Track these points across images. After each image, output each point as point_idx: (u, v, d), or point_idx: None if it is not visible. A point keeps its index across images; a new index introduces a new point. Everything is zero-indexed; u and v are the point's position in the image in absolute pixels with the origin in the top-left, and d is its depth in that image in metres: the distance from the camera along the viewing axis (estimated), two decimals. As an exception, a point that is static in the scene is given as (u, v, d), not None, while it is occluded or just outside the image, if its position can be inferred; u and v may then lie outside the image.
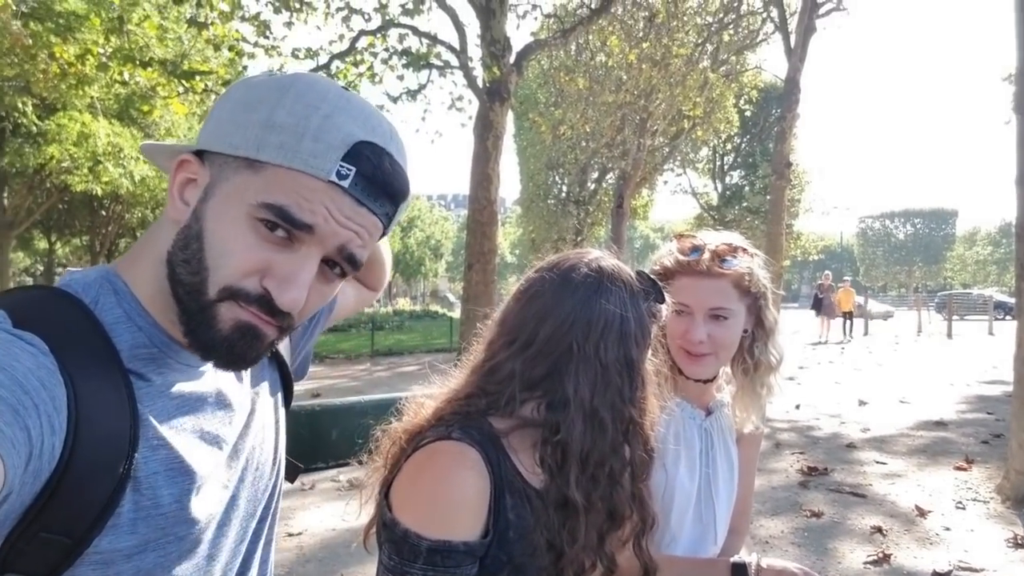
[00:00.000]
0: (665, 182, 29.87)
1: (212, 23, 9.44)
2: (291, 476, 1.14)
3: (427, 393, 1.14)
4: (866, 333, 22.10)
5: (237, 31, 9.85)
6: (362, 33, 10.74)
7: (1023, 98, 4.80)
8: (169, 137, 18.27)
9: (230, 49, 9.68)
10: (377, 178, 0.79)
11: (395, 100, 11.49)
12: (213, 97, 10.05)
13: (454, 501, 0.95)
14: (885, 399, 8.90)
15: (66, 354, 0.72)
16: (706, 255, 1.45)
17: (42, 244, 30.92)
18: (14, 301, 0.77)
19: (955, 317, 22.51)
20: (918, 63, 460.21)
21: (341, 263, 0.82)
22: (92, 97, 12.81)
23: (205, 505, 0.84)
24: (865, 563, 3.68)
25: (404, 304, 37.12)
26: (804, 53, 16.84)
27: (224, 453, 0.89)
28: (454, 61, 11.05)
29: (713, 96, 18.81)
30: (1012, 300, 24.64)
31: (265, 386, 1.03)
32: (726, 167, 31.88)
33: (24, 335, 0.71)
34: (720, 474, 1.59)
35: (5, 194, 19.41)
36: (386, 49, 10.83)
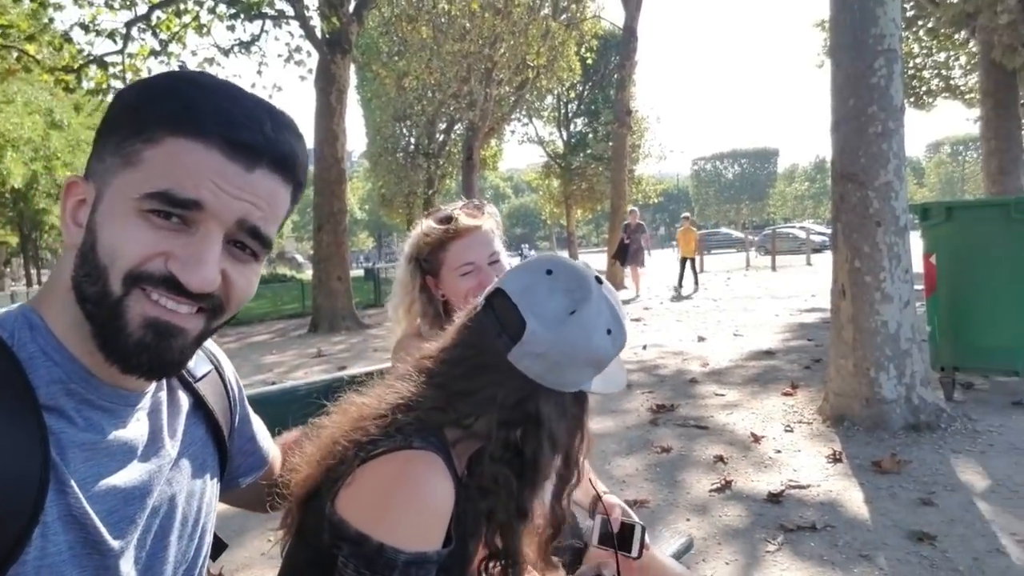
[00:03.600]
0: (512, 132, 30.28)
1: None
2: (215, 554, 1.09)
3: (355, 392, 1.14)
4: (701, 271, 23.63)
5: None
6: (182, -22, 9.90)
7: (836, 44, 5.22)
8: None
9: (33, -1, 8.60)
10: (258, 143, 0.78)
11: (226, 53, 10.77)
12: (16, 54, 8.91)
13: (434, 513, 0.96)
14: (721, 334, 9.65)
15: None
16: (462, 218, 1.76)
17: None
18: None
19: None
20: (743, 10, 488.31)
21: (246, 240, 0.80)
22: None
23: (106, 562, 0.80)
24: (710, 491, 4.03)
25: (250, 267, 35.37)
26: (640, 2, 17.41)
27: (140, 510, 0.85)
28: (289, 10, 10.47)
29: (555, 44, 19.08)
30: (827, 233, 27.20)
31: (198, 453, 0.99)
32: (570, 115, 32.62)
33: None
34: None
35: None
36: (213, -2, 10.05)
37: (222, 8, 9.88)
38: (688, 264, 17.54)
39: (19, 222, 30.88)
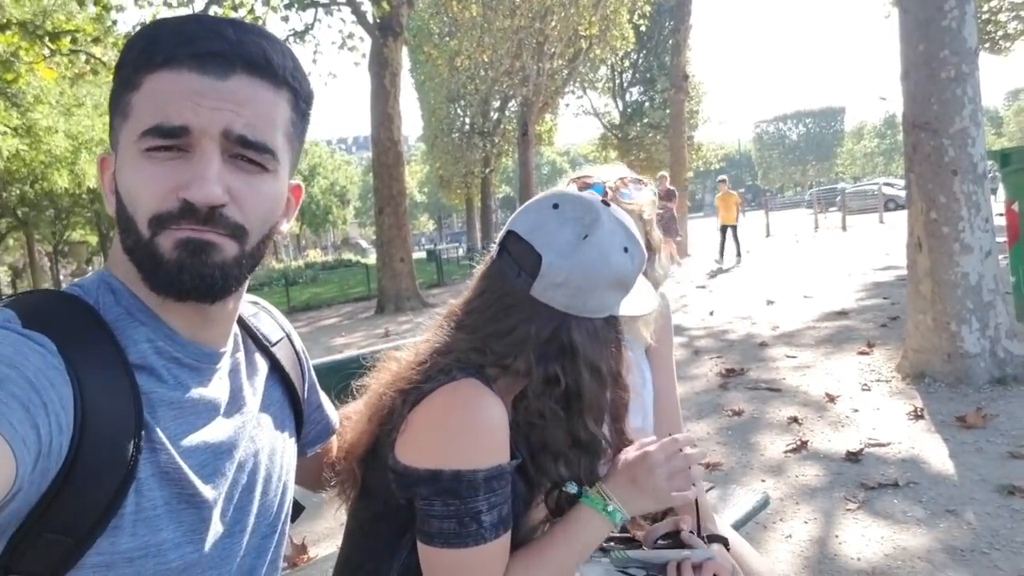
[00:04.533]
0: (567, 105, 29.87)
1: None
2: (293, 515, 1.12)
3: (392, 349, 1.16)
4: (768, 235, 23.02)
5: (97, -19, 9.07)
6: (238, -28, 10.11)
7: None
8: (40, 105, 16.87)
9: (96, 3, 8.92)
10: (224, 49, 0.78)
11: (281, 43, 10.95)
12: (84, 57, 9.29)
13: (494, 427, 0.99)
14: (791, 296, 9.40)
15: (73, 354, 0.73)
16: (611, 193, 1.48)
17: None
18: (23, 303, 0.78)
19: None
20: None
21: (242, 151, 0.80)
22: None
23: (202, 515, 0.83)
24: (785, 452, 3.96)
25: (315, 255, 36.27)
26: (691, -37, 16.87)
27: (228, 464, 0.88)
28: (340, -3, 10.59)
29: (607, 13, 18.71)
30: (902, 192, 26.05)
31: (277, 414, 1.04)
32: (625, 84, 32.02)
33: (33, 335, 0.72)
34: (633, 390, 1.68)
35: None
36: (266, -11, 10.24)
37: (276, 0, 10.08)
38: (730, 232, 15.83)
39: (96, 222, 32.29)
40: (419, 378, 1.03)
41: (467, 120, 28.99)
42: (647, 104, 30.42)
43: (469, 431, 0.97)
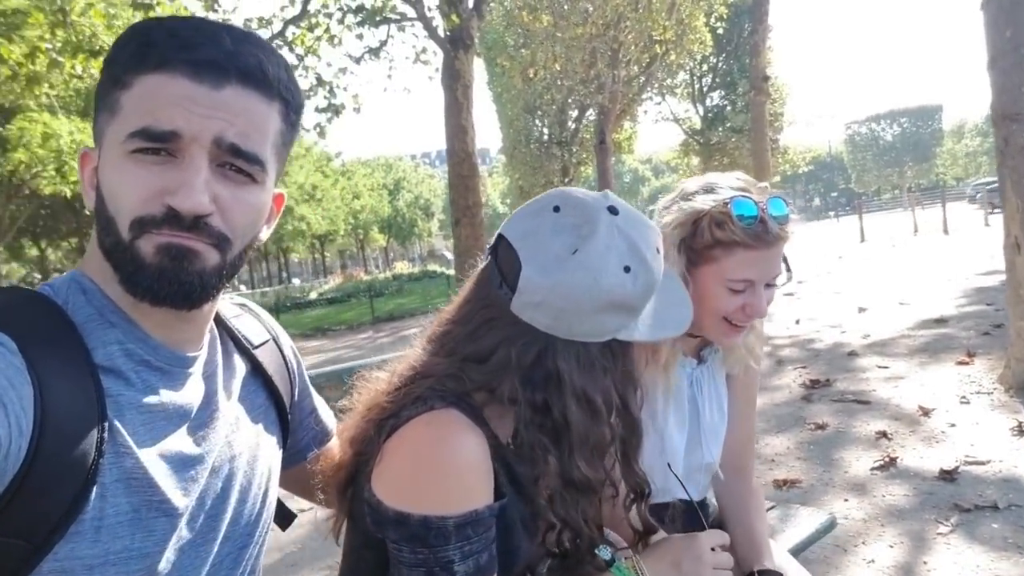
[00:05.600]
0: (645, 112, 29.58)
1: (158, 2, 9.14)
2: (283, 523, 1.10)
3: (375, 367, 1.06)
4: (863, 240, 21.97)
5: (184, 7, 9.55)
6: (312, -8, 10.41)
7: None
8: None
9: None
10: (220, 58, 0.77)
11: (358, 61, 11.26)
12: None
13: (467, 469, 0.87)
14: (885, 303, 8.87)
15: (34, 354, 0.72)
16: (772, 225, 1.25)
17: (32, 252, 30.94)
18: None
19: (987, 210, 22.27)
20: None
21: (232, 160, 0.79)
22: (49, 96, 12.50)
23: (171, 523, 0.81)
24: (872, 469, 3.67)
25: (402, 267, 37.16)
26: (770, -40, 16.37)
27: (200, 470, 0.86)
28: (411, 12, 10.77)
29: (682, 17, 18.36)
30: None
31: (260, 419, 1.01)
32: (705, 89, 31.39)
33: None
34: (709, 422, 1.53)
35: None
36: (340, 8, 10.50)
37: (349, 18, 10.33)
38: None
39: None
40: (392, 407, 0.93)
41: (545, 130, 29.01)
42: (728, 108, 29.69)
43: (439, 473, 0.86)
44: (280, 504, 1.08)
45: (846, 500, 3.36)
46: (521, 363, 0.92)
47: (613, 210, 0.93)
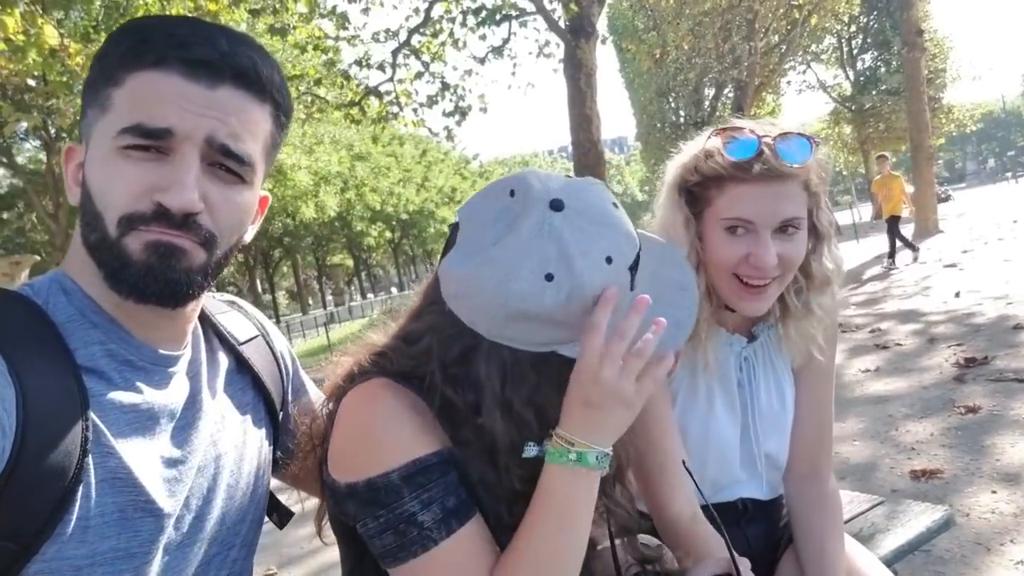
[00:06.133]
0: (788, 82, 27.97)
1: (295, 27, 9.76)
2: (280, 522, 1.08)
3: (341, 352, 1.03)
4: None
5: (320, 29, 10.13)
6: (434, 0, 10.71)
7: None
8: (285, 147, 19.42)
9: (315, 48, 9.98)
10: (215, 59, 0.78)
11: (482, 61, 11.46)
12: (310, 99, 10.47)
13: (390, 421, 0.84)
14: (1065, 271, 7.90)
15: (15, 355, 0.71)
16: (766, 151, 1.14)
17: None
18: None
19: None
20: None
21: (222, 159, 0.80)
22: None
23: (158, 523, 0.81)
24: (1029, 457, 3.31)
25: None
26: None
27: (185, 470, 0.85)
28: (530, 7, 10.84)
29: (822, -24, 17.20)
30: None
31: (248, 417, 1.00)
32: (855, 51, 29.20)
33: None
34: (768, 409, 1.36)
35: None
36: (462, 12, 10.75)
37: (471, 20, 10.56)
38: (895, 227, 11.95)
39: (350, 246, 36.27)
40: (337, 391, 0.93)
41: (681, 112, 28.19)
42: (882, 69, 27.46)
43: (366, 433, 0.85)
44: (278, 502, 1.07)
45: (994, 492, 3.04)
46: (443, 357, 0.87)
47: (557, 204, 0.80)
